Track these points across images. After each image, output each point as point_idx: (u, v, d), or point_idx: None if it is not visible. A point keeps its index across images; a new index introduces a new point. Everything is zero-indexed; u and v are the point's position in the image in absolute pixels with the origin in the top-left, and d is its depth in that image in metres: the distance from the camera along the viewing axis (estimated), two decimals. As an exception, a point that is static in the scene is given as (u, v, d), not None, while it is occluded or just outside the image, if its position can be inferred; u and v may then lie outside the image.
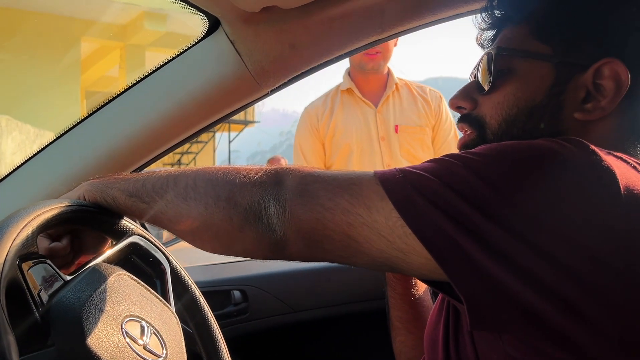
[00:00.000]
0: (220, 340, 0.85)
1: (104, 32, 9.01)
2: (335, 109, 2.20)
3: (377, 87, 2.22)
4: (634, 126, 0.67)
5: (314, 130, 2.22)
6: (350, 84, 2.21)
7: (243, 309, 1.41)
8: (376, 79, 2.20)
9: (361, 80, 2.22)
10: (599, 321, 0.49)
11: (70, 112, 7.62)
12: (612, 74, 0.65)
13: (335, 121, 2.18)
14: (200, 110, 1.02)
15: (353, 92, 2.21)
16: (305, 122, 2.26)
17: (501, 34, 0.75)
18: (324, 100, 2.26)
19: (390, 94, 2.19)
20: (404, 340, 0.93)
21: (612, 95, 0.65)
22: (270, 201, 0.60)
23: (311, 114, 2.24)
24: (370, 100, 2.20)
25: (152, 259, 0.79)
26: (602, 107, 0.66)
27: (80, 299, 0.57)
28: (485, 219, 0.51)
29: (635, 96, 0.66)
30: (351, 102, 2.21)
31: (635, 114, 0.67)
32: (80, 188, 0.74)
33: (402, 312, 0.94)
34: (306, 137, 2.24)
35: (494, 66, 0.71)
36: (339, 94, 2.24)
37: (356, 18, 0.93)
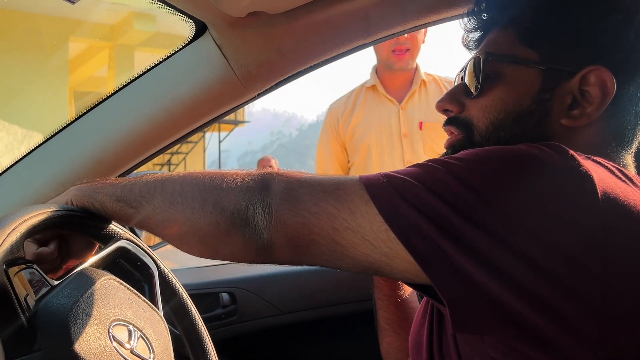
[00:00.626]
0: (209, 343, 0.85)
1: (93, 32, 8.93)
2: (357, 108, 2.16)
3: (403, 84, 2.17)
4: (618, 132, 0.68)
5: (333, 131, 2.19)
6: (376, 81, 2.17)
7: (231, 312, 1.41)
8: (403, 75, 2.15)
9: (387, 77, 2.17)
10: (578, 323, 0.50)
11: (59, 112, 7.56)
12: (598, 81, 0.66)
13: (356, 120, 2.14)
14: (187, 113, 1.02)
15: (377, 89, 2.16)
16: (325, 123, 2.23)
17: (487, 37, 0.75)
18: (346, 99, 2.21)
19: (416, 90, 2.14)
20: (390, 341, 0.94)
21: (598, 102, 0.66)
22: (257, 206, 0.61)
23: (332, 114, 2.21)
24: (395, 97, 2.15)
25: (140, 263, 0.79)
26: (588, 113, 0.67)
27: (67, 303, 0.57)
28: (467, 223, 0.52)
29: (619, 103, 0.67)
30: (375, 100, 2.17)
31: (619, 120, 0.68)
32: (67, 193, 0.74)
33: (388, 314, 0.94)
34: (324, 139, 2.22)
35: (482, 71, 0.72)
36: (363, 91, 2.19)
37: (342, 23, 0.94)
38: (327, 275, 1.47)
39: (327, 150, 2.22)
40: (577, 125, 0.67)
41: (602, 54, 0.67)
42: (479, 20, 0.76)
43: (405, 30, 0.97)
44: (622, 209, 0.52)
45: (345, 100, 2.21)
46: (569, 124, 0.67)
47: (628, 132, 0.68)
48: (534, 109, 0.69)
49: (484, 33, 0.77)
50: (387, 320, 0.95)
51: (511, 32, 0.71)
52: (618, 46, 0.67)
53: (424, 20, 0.95)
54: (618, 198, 0.53)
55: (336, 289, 1.47)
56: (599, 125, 0.67)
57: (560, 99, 0.68)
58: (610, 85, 0.65)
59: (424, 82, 2.16)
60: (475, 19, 0.77)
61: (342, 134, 2.17)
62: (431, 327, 0.70)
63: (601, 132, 0.68)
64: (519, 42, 0.71)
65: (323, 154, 2.24)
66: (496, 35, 0.74)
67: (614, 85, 0.65)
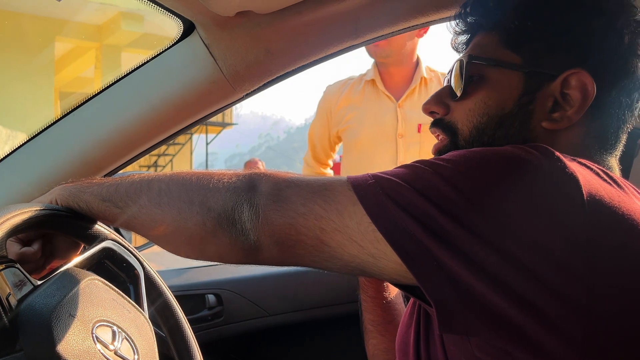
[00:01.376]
0: (194, 344, 0.84)
1: (80, 32, 8.86)
2: (353, 100, 2.07)
3: (403, 80, 2.06)
4: (600, 135, 0.69)
5: (324, 117, 2.13)
6: (375, 75, 2.06)
7: (217, 313, 1.40)
8: (400, 71, 2.05)
9: (386, 72, 2.06)
10: (563, 324, 0.50)
11: (44, 112, 7.48)
12: (578, 84, 0.67)
13: (350, 114, 2.06)
14: (174, 113, 1.01)
15: (376, 84, 2.06)
16: (319, 105, 2.16)
17: (473, 41, 0.76)
18: (342, 86, 2.12)
19: (416, 87, 2.03)
20: (376, 343, 0.94)
21: (578, 105, 0.67)
22: (244, 206, 0.60)
23: (327, 100, 2.13)
24: (393, 94, 2.05)
25: (126, 264, 0.78)
26: (569, 116, 0.67)
27: (49, 303, 0.56)
28: (454, 224, 0.52)
29: (600, 106, 0.68)
30: (372, 94, 2.06)
31: (601, 123, 0.68)
32: (52, 192, 0.73)
33: (374, 315, 0.94)
34: (316, 121, 2.18)
35: (465, 73, 0.72)
36: (362, 84, 2.09)
37: (331, 24, 0.94)
38: (314, 277, 1.47)
39: (317, 132, 2.18)
40: (558, 127, 0.68)
41: (583, 58, 0.67)
42: (465, 23, 0.77)
43: (394, 32, 0.98)
44: (607, 211, 0.53)
45: (341, 87, 2.12)
46: (550, 127, 0.68)
47: (611, 136, 0.69)
48: (517, 112, 0.70)
49: (471, 36, 0.77)
50: (372, 322, 0.95)
51: (495, 36, 0.72)
52: (599, 50, 0.68)
53: (412, 22, 0.96)
54: (603, 199, 0.53)
55: (323, 291, 1.47)
56: (580, 128, 0.68)
57: (542, 102, 0.69)
58: (590, 88, 0.66)
59: (424, 79, 2.05)
60: (462, 22, 0.77)
61: (335, 125, 2.11)
62: (418, 328, 0.70)
63: (583, 135, 0.68)
64: (502, 46, 0.71)
65: (314, 132, 2.20)
66: (481, 39, 0.75)
67: (594, 88, 0.66)
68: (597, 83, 0.66)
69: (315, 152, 2.22)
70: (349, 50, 1.01)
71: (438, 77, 2.08)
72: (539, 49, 0.69)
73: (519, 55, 0.70)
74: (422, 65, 2.07)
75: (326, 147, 2.18)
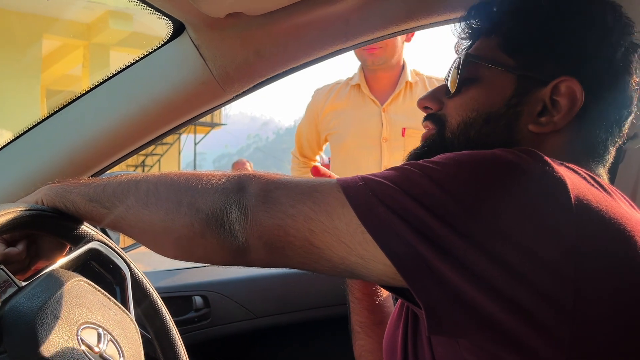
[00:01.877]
0: (180, 346, 0.84)
1: (68, 30, 8.79)
2: (339, 105, 2.08)
3: (388, 84, 2.06)
4: (588, 144, 0.70)
5: (312, 120, 2.14)
6: (361, 80, 2.07)
7: (204, 315, 1.40)
8: (387, 75, 2.05)
9: (372, 77, 2.07)
10: (551, 327, 0.50)
11: (30, 110, 7.40)
12: (568, 92, 0.68)
13: (337, 120, 2.07)
14: (163, 113, 1.01)
15: (361, 89, 2.07)
16: (308, 108, 2.18)
17: (475, 44, 0.78)
18: (329, 91, 2.13)
19: (401, 91, 2.04)
20: (363, 344, 0.94)
21: (565, 111, 0.68)
22: (233, 207, 0.60)
23: (315, 103, 2.14)
24: (378, 98, 2.05)
25: (112, 266, 0.77)
26: (555, 121, 0.68)
27: (34, 305, 0.56)
28: (443, 226, 0.53)
29: (588, 116, 0.69)
30: (357, 98, 2.07)
31: (588, 133, 0.69)
32: (38, 192, 0.72)
33: (361, 317, 0.95)
34: (304, 123, 2.20)
35: (461, 71, 0.74)
36: (347, 88, 2.10)
37: (321, 27, 0.94)
38: (301, 279, 1.47)
39: (305, 133, 2.21)
40: (543, 131, 0.69)
41: (575, 67, 0.68)
42: (469, 27, 0.79)
43: (384, 36, 0.98)
44: (594, 215, 0.53)
45: (328, 91, 2.14)
46: (535, 130, 0.69)
47: (599, 146, 0.70)
48: (504, 112, 0.71)
49: (473, 41, 0.79)
50: (360, 323, 0.95)
51: (494, 39, 0.74)
52: (591, 62, 0.69)
53: (403, 27, 0.96)
54: (590, 204, 0.54)
55: (310, 293, 1.47)
56: (566, 135, 0.69)
57: (531, 105, 0.70)
58: (579, 96, 0.67)
59: (409, 83, 2.06)
60: (467, 26, 0.79)
61: (322, 130, 2.12)
62: (406, 329, 0.70)
63: (568, 142, 0.69)
64: (499, 49, 0.73)
65: (302, 133, 2.22)
66: (481, 42, 0.76)
67: (582, 97, 0.67)
68: (586, 93, 0.67)
69: (303, 150, 2.26)
70: (340, 54, 1.01)
71: (423, 81, 2.09)
72: (533, 54, 0.71)
73: (513, 59, 0.72)
74: (407, 70, 2.08)
75: (314, 146, 2.22)
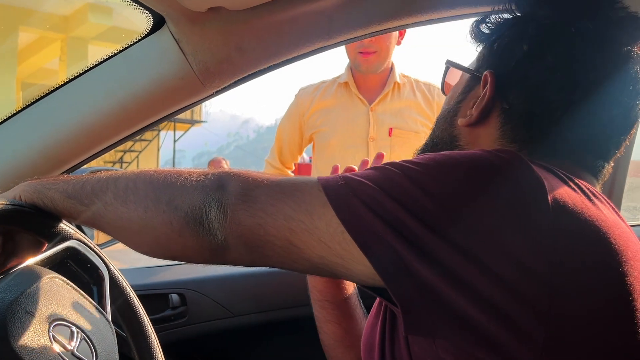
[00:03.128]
0: (156, 345, 0.83)
1: (45, 22, 8.64)
2: (326, 103, 2.07)
3: (376, 84, 2.07)
4: (515, 135, 0.70)
5: (298, 118, 2.11)
6: (349, 78, 2.06)
7: (181, 313, 1.38)
8: (375, 75, 2.05)
9: (360, 76, 2.07)
10: (526, 327, 0.51)
11: (5, 104, 7.26)
12: (483, 83, 0.72)
13: (323, 118, 2.06)
14: (141, 108, 0.99)
15: (349, 87, 2.07)
16: (291, 108, 2.14)
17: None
18: (314, 90, 2.11)
19: (389, 92, 2.05)
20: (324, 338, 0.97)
21: (478, 102, 0.71)
22: (212, 205, 0.59)
23: (299, 103, 2.11)
24: (366, 98, 2.06)
25: (90, 265, 0.76)
26: (471, 113, 0.72)
27: (5, 299, 0.55)
28: (422, 227, 0.53)
29: (506, 111, 0.70)
30: (345, 97, 2.07)
31: (512, 128, 0.70)
32: (16, 188, 0.72)
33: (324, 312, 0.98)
34: (285, 123, 2.16)
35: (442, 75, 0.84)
36: (334, 86, 2.09)
37: (304, 23, 0.94)
38: (280, 277, 1.46)
39: (286, 133, 2.17)
40: (464, 124, 0.73)
41: (495, 61, 0.73)
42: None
43: (367, 35, 0.98)
44: (571, 216, 0.54)
45: (313, 90, 2.12)
46: (461, 123, 0.74)
47: (576, 145, 0.69)
48: (452, 108, 0.77)
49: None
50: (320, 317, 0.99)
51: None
52: (503, 55, 0.72)
53: (386, 25, 0.96)
54: (567, 205, 0.54)
55: (288, 291, 1.46)
56: (491, 128, 0.71)
57: (470, 101, 0.74)
58: (489, 88, 0.71)
59: (397, 84, 2.07)
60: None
61: (307, 130, 2.10)
62: (384, 328, 0.70)
63: (496, 135, 0.71)
64: (479, 55, 0.78)
65: (282, 133, 2.18)
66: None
67: (489, 89, 0.70)
68: (499, 86, 0.70)
69: (282, 153, 2.21)
70: (323, 51, 1.00)
71: (411, 83, 2.10)
72: (484, 54, 0.76)
73: (476, 62, 0.77)
74: (395, 71, 2.08)
75: (294, 149, 2.17)
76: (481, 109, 0.71)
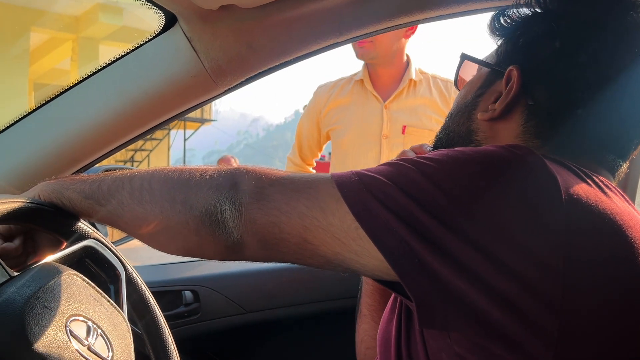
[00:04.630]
0: (170, 341, 0.83)
1: (56, 23, 8.70)
2: (342, 100, 2.07)
3: (391, 81, 2.05)
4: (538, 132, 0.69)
5: (315, 115, 2.12)
6: (364, 75, 2.05)
7: (194, 310, 1.39)
8: (389, 72, 2.03)
9: (375, 73, 2.06)
10: (539, 321, 0.51)
11: (17, 103, 7.33)
12: (507, 79, 0.71)
13: (339, 115, 2.06)
14: (153, 106, 1.00)
15: (364, 84, 2.06)
16: (309, 105, 2.16)
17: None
18: (332, 88, 2.12)
19: (404, 89, 2.02)
20: (367, 328, 0.95)
21: (502, 97, 0.71)
22: (226, 205, 0.60)
23: (317, 101, 2.12)
24: (381, 95, 2.04)
25: (107, 265, 0.77)
26: (494, 107, 0.71)
27: (24, 293, 0.55)
28: (436, 222, 0.53)
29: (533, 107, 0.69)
30: (360, 94, 2.07)
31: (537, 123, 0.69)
32: (35, 188, 0.73)
33: (372, 300, 0.96)
34: (305, 119, 2.17)
35: (456, 69, 0.83)
36: (351, 83, 2.09)
37: (314, 21, 0.94)
38: (292, 274, 1.47)
39: (305, 130, 2.18)
40: (485, 118, 0.72)
41: (521, 56, 0.72)
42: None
43: (378, 31, 0.98)
44: (584, 209, 0.54)
45: (330, 88, 2.13)
46: (481, 117, 0.73)
47: (592, 139, 0.69)
48: (469, 103, 0.76)
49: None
50: (369, 306, 0.97)
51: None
52: (532, 51, 0.71)
53: (396, 22, 0.96)
54: (581, 199, 0.54)
55: (301, 288, 1.47)
56: (514, 124, 0.70)
57: (489, 95, 0.74)
58: (515, 84, 0.69)
59: (413, 81, 2.04)
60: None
61: (324, 126, 2.11)
62: (399, 322, 0.70)
63: (519, 130, 0.70)
64: (494, 49, 0.77)
65: (302, 130, 2.20)
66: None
67: (516, 83, 0.69)
68: (524, 82, 0.69)
69: (302, 150, 2.21)
70: (333, 48, 1.00)
71: (428, 80, 2.07)
72: (507, 49, 0.74)
73: (496, 56, 0.75)
74: (412, 67, 2.06)
75: (313, 146, 2.18)
76: (505, 105, 0.70)
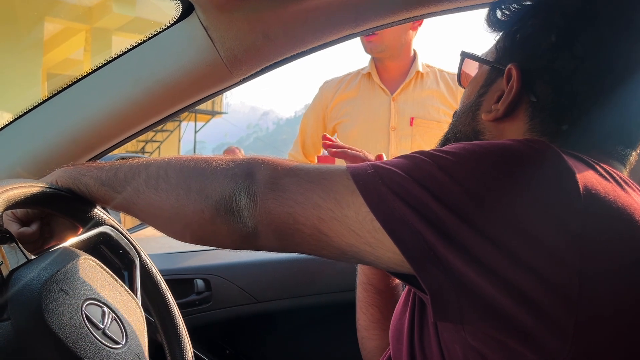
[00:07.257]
0: (183, 329, 0.84)
1: (69, 13, 8.74)
2: (349, 94, 2.08)
3: (398, 74, 2.06)
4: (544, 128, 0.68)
5: (321, 110, 2.13)
6: (372, 69, 2.07)
7: (206, 298, 1.40)
8: (397, 65, 2.05)
9: (381, 66, 2.07)
10: (555, 315, 0.51)
11: (31, 93, 7.39)
12: (508, 77, 0.70)
13: (346, 108, 2.07)
14: (169, 95, 1.00)
15: (372, 77, 2.08)
16: (314, 100, 2.16)
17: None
18: (339, 82, 2.13)
19: (411, 81, 2.04)
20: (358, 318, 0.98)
21: (504, 97, 0.70)
22: (242, 194, 0.60)
23: (323, 96, 2.13)
24: (389, 87, 2.05)
25: (122, 251, 0.78)
26: (497, 108, 0.70)
27: (41, 276, 0.56)
28: (451, 215, 0.53)
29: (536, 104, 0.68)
30: (368, 87, 2.08)
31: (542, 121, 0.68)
32: (53, 174, 0.74)
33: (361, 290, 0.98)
34: (309, 115, 2.18)
35: (458, 67, 0.81)
36: (358, 77, 2.11)
37: (330, 11, 0.93)
38: (303, 264, 1.47)
39: (310, 125, 2.18)
40: (489, 119, 0.71)
41: (519, 53, 0.71)
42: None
43: (394, 23, 0.97)
44: (602, 204, 0.53)
45: (337, 83, 2.14)
46: (485, 118, 0.72)
47: (608, 135, 0.68)
48: (473, 102, 0.75)
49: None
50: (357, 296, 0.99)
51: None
52: (527, 46, 0.70)
53: (413, 13, 0.95)
54: (599, 194, 0.54)
55: (312, 279, 1.47)
56: (519, 122, 0.70)
57: (491, 94, 0.73)
58: (516, 82, 0.69)
59: (420, 73, 2.06)
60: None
61: (330, 121, 2.11)
62: (412, 315, 0.70)
63: (524, 129, 0.69)
64: (493, 45, 0.76)
65: (307, 125, 2.20)
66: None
67: (516, 82, 0.68)
68: (524, 79, 0.68)
69: (305, 145, 2.22)
70: (349, 39, 1.00)
71: (435, 73, 2.08)
72: (505, 45, 0.73)
73: (495, 52, 0.75)
74: (418, 60, 2.07)
75: (317, 141, 2.18)
76: (507, 104, 0.69)
